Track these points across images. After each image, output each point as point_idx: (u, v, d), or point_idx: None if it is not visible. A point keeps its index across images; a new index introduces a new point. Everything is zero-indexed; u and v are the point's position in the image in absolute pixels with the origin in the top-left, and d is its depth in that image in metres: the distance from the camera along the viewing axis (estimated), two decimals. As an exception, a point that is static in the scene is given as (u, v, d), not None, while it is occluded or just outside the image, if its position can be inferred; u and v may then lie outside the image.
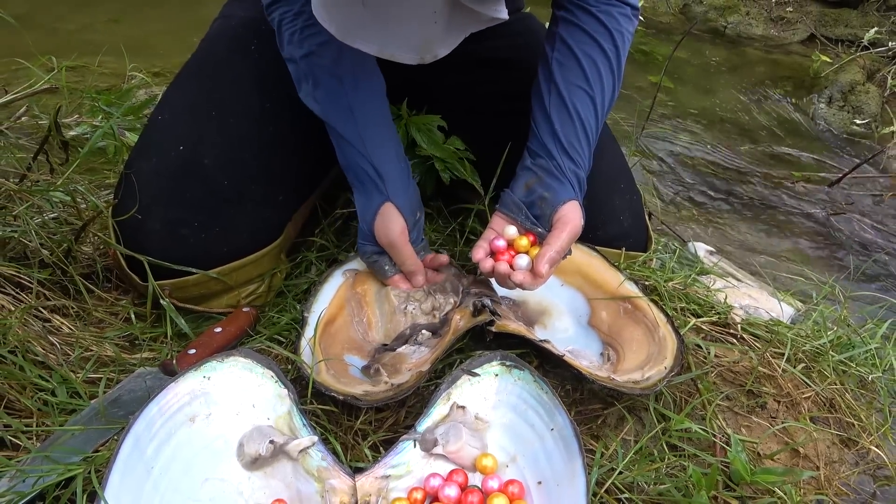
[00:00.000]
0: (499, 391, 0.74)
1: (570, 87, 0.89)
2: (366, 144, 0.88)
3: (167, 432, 0.67)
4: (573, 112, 0.89)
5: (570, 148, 0.89)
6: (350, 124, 0.88)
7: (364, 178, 0.89)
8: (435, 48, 0.69)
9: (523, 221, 0.87)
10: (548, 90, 0.90)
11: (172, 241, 0.90)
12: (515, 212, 0.88)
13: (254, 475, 0.70)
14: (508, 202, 0.89)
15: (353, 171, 0.90)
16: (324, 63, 0.87)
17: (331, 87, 0.88)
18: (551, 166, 0.88)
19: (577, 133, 0.89)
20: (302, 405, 0.74)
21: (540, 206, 0.86)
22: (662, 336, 0.87)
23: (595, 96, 0.90)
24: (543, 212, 0.86)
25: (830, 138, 2.08)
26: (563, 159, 0.88)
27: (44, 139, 0.94)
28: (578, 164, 0.89)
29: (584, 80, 0.89)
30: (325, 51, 0.87)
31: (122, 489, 0.60)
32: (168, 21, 2.19)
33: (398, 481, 0.69)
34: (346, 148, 0.89)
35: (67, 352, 0.81)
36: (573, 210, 0.86)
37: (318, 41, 0.86)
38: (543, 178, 0.87)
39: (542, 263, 0.81)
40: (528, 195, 0.87)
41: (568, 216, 0.85)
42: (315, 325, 0.84)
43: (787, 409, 0.91)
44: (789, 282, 1.35)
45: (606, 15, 0.90)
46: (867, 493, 0.91)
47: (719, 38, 2.69)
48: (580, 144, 0.89)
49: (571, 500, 0.62)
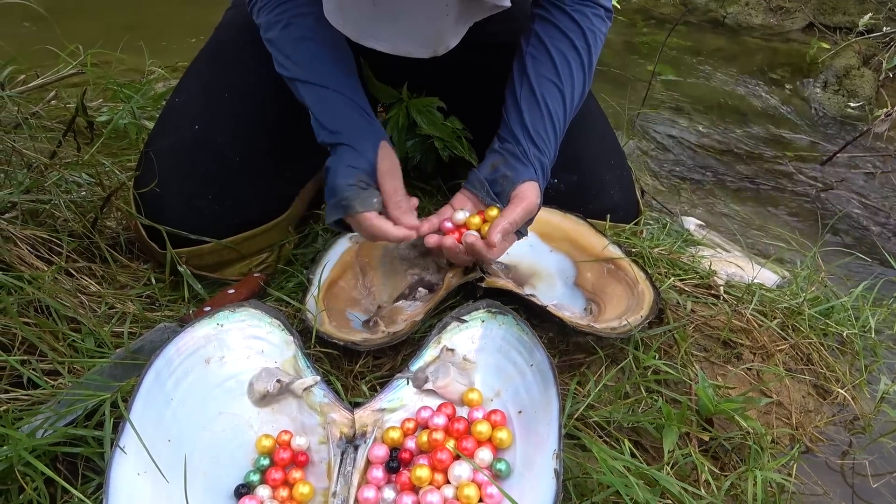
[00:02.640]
0: (484, 335, 0.81)
1: (542, 80, 0.94)
2: (354, 91, 0.91)
3: (184, 370, 0.75)
4: (542, 103, 0.93)
5: (536, 137, 0.93)
6: (334, 75, 0.90)
7: (354, 123, 0.90)
8: (446, 40, 0.74)
9: (484, 197, 0.91)
10: (520, 82, 0.95)
11: (189, 212, 0.98)
12: (478, 188, 0.91)
13: (262, 410, 0.77)
14: (473, 179, 0.93)
15: (341, 120, 0.90)
16: (303, 31, 0.91)
17: (311, 47, 0.91)
18: (517, 151, 0.92)
19: (544, 123, 0.93)
20: (306, 351, 0.81)
21: (501, 183, 0.90)
22: (641, 291, 0.93)
23: (564, 90, 0.94)
24: (504, 189, 0.90)
25: (825, 121, 2.13)
26: (529, 146, 0.92)
27: (72, 119, 1.03)
28: (543, 153, 0.93)
29: (555, 75, 0.94)
30: (302, 20, 0.91)
31: (145, 415, 0.68)
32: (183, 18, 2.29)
33: (392, 414, 0.76)
34: (333, 98, 0.90)
35: (94, 308, 0.89)
36: (531, 189, 0.89)
37: (295, 13, 0.91)
38: (509, 159, 0.92)
39: (495, 233, 0.84)
40: (493, 174, 0.92)
41: (525, 193, 0.88)
42: (319, 283, 0.92)
43: (762, 360, 0.97)
44: (776, 252, 1.40)
45: (580, 14, 0.96)
46: (843, 441, 0.97)
47: (719, 27, 2.75)
48: (546, 134, 0.94)
49: (546, 423, 0.69)
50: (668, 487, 0.70)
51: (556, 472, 0.63)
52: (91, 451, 0.68)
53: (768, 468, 0.78)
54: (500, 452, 0.72)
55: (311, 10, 0.91)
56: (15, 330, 0.78)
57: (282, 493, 0.70)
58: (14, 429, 0.65)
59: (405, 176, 1.21)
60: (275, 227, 1.05)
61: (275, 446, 0.73)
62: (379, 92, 1.08)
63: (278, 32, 0.92)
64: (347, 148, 0.88)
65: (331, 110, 0.90)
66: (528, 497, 0.63)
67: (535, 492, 0.64)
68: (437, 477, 0.69)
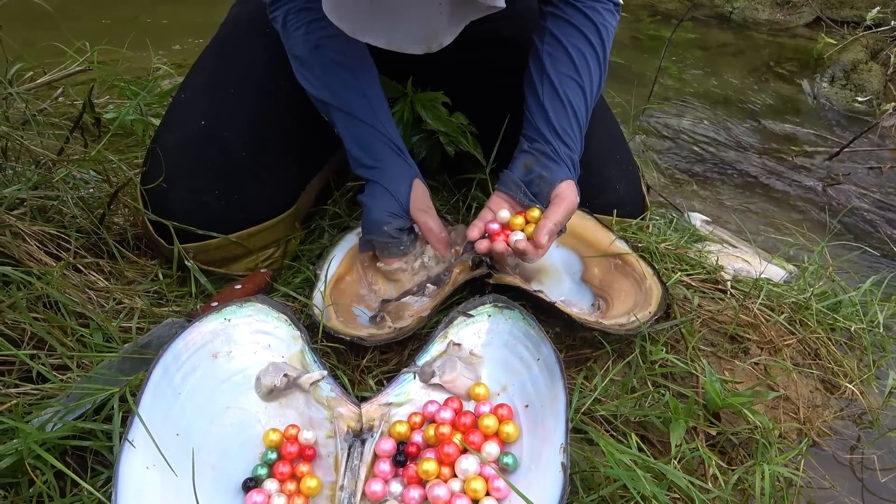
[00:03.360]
0: (490, 330, 0.81)
1: (562, 77, 0.95)
2: (384, 125, 0.94)
3: (192, 365, 0.75)
4: (565, 101, 0.95)
5: (563, 134, 0.94)
6: (366, 108, 0.94)
7: (386, 156, 0.94)
8: (440, 37, 0.75)
9: (521, 199, 0.92)
10: (540, 81, 0.96)
11: (195, 207, 0.98)
12: (514, 190, 0.93)
13: (270, 405, 0.77)
14: (507, 181, 0.94)
15: (372, 152, 0.94)
16: (333, 54, 0.93)
17: (343, 75, 0.93)
18: (548, 150, 0.94)
19: (569, 120, 0.95)
20: (313, 345, 0.82)
21: (538, 184, 0.92)
22: (649, 286, 0.93)
23: (584, 85, 0.96)
24: (541, 190, 0.92)
25: (832, 115, 2.12)
26: (559, 144, 0.94)
27: (79, 116, 1.03)
28: (572, 149, 0.95)
29: (574, 71, 0.95)
30: (333, 42, 0.92)
31: (154, 409, 0.68)
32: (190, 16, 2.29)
33: (399, 408, 0.76)
34: (363, 130, 0.94)
35: (102, 303, 0.89)
36: (570, 188, 0.91)
37: (326, 34, 0.92)
38: (541, 159, 0.93)
39: (542, 234, 0.86)
40: (527, 174, 0.93)
41: (565, 193, 0.90)
42: (326, 279, 0.92)
43: (769, 354, 0.97)
44: (783, 248, 1.40)
45: (592, 10, 0.97)
46: (851, 436, 0.96)
47: (726, 23, 2.74)
48: (573, 130, 0.95)
49: (553, 417, 0.69)
50: (676, 481, 0.70)
51: (563, 465, 0.63)
52: (100, 444, 0.68)
53: (776, 462, 0.78)
54: (506, 446, 0.72)
55: (340, 30, 0.93)
56: (24, 325, 0.78)
57: (289, 486, 0.70)
58: (24, 422, 0.65)
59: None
60: (281, 223, 1.05)
61: (282, 440, 0.73)
62: (384, 87, 1.08)
63: (309, 53, 0.93)
64: (382, 189, 0.92)
65: (364, 145, 0.94)
66: (535, 490, 0.63)
67: (542, 485, 0.64)
68: (444, 470, 0.69)
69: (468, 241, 0.90)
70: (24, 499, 0.63)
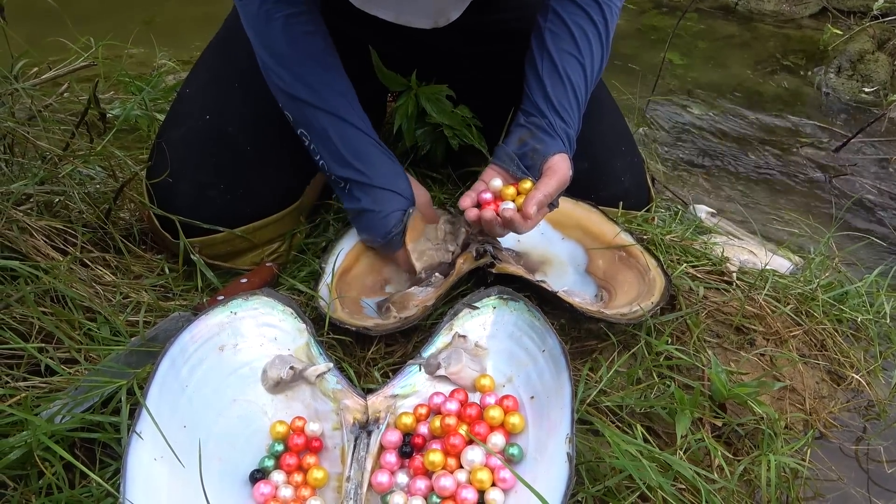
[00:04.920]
0: (496, 321, 0.81)
1: (562, 53, 0.95)
2: (366, 124, 0.94)
3: (199, 357, 0.75)
4: (564, 76, 0.95)
5: (560, 109, 0.94)
6: (349, 108, 0.93)
7: (385, 166, 0.94)
8: (447, 12, 0.75)
9: (514, 171, 0.93)
10: (540, 57, 0.97)
11: (201, 201, 0.99)
12: (508, 163, 0.93)
13: (276, 398, 0.78)
14: (501, 154, 0.95)
15: (368, 159, 0.94)
16: (313, 51, 0.92)
17: (323, 75, 0.92)
18: (543, 123, 0.94)
19: (567, 96, 0.95)
20: (319, 338, 0.82)
21: (531, 157, 0.92)
22: (652, 278, 0.93)
23: (585, 63, 0.96)
24: (534, 162, 0.92)
25: (838, 107, 2.11)
26: (555, 118, 0.94)
27: (84, 110, 1.04)
28: (569, 124, 0.95)
29: (575, 48, 0.95)
30: (311, 40, 0.92)
31: (161, 402, 0.68)
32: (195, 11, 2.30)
33: (405, 400, 0.77)
34: (350, 131, 0.93)
35: (109, 298, 0.89)
36: (562, 161, 0.92)
37: (305, 30, 0.91)
38: (536, 132, 0.94)
39: (531, 205, 0.86)
40: (521, 147, 0.93)
41: (557, 165, 0.91)
42: (332, 272, 0.92)
43: (775, 346, 0.96)
44: (789, 239, 1.39)
45: None
46: (857, 427, 0.96)
47: (731, 14, 2.72)
48: (570, 106, 0.95)
49: (559, 408, 0.69)
50: (682, 472, 0.70)
51: (569, 456, 0.63)
52: (108, 436, 0.69)
53: (782, 453, 0.78)
54: (512, 437, 0.72)
55: (317, 28, 0.93)
56: (32, 319, 0.79)
57: (296, 478, 0.70)
58: (33, 415, 0.66)
59: (414, 165, 1.23)
60: (286, 217, 1.05)
61: (289, 432, 0.74)
62: (388, 80, 1.08)
63: (287, 48, 0.92)
64: (389, 193, 0.93)
65: (353, 147, 0.93)
66: (541, 481, 0.63)
67: (548, 476, 0.64)
68: (450, 462, 0.69)
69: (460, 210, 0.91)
70: (34, 490, 0.64)
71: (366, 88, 1.02)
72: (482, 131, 1.14)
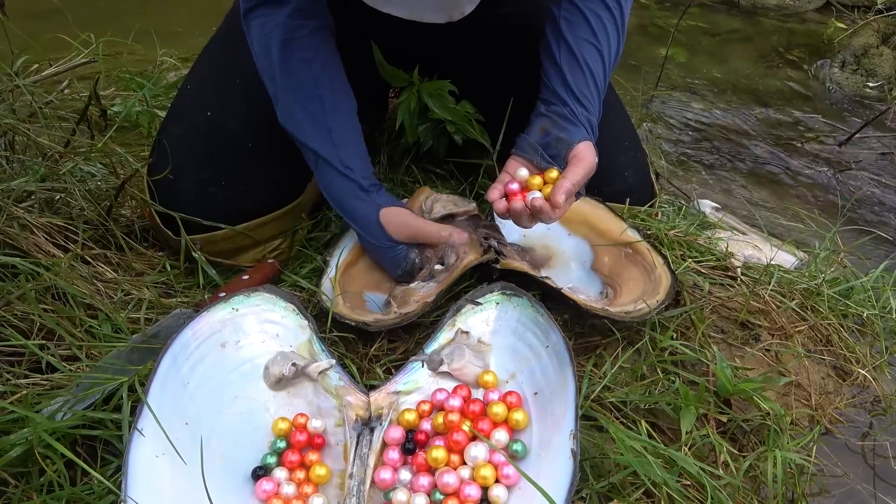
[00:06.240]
0: (499, 317, 0.81)
1: (579, 41, 0.94)
2: (344, 163, 0.92)
3: (200, 354, 0.75)
4: (583, 63, 0.93)
5: (581, 96, 0.93)
6: (329, 145, 0.92)
7: (349, 201, 0.93)
8: (461, 6, 0.73)
9: (539, 162, 0.90)
10: (557, 45, 0.95)
11: (202, 198, 0.98)
12: (531, 153, 0.91)
13: (278, 394, 0.77)
14: (524, 145, 0.92)
15: (337, 198, 0.94)
16: (305, 81, 0.91)
17: (310, 107, 0.91)
18: (565, 111, 0.92)
19: (587, 82, 0.93)
20: (321, 335, 0.81)
21: (556, 146, 0.90)
22: (658, 276, 0.92)
23: (602, 49, 0.94)
24: (559, 151, 0.90)
25: (842, 101, 2.09)
26: (577, 106, 0.92)
27: (85, 107, 1.03)
28: (590, 111, 0.94)
29: (592, 35, 0.94)
30: (306, 68, 0.91)
31: (163, 398, 0.68)
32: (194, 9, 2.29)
33: (408, 396, 0.76)
34: (325, 170, 0.93)
35: (111, 295, 0.89)
36: (588, 148, 0.89)
37: (300, 57, 0.91)
38: (559, 121, 0.92)
39: (560, 194, 0.84)
40: (544, 137, 0.91)
41: (583, 153, 0.88)
42: (336, 266, 0.92)
43: (780, 341, 0.96)
44: (793, 235, 1.38)
45: None
46: (863, 423, 0.96)
47: (734, 8, 2.71)
48: (590, 93, 0.94)
49: (562, 404, 0.68)
50: (686, 468, 0.70)
51: (573, 452, 0.63)
52: (109, 433, 0.68)
53: (787, 449, 0.77)
54: (516, 434, 0.72)
55: (316, 54, 0.91)
56: (33, 316, 0.79)
57: (299, 475, 0.70)
58: (34, 412, 0.65)
59: (416, 161, 1.22)
60: (288, 213, 1.05)
61: (291, 429, 0.73)
62: (390, 75, 1.08)
63: (279, 77, 0.91)
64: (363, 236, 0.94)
65: (330, 190, 0.94)
66: (545, 477, 0.63)
67: (552, 472, 0.64)
68: (454, 458, 0.69)
69: (489, 202, 0.89)
70: (35, 488, 0.64)
71: (368, 85, 1.01)
72: (485, 126, 1.13)
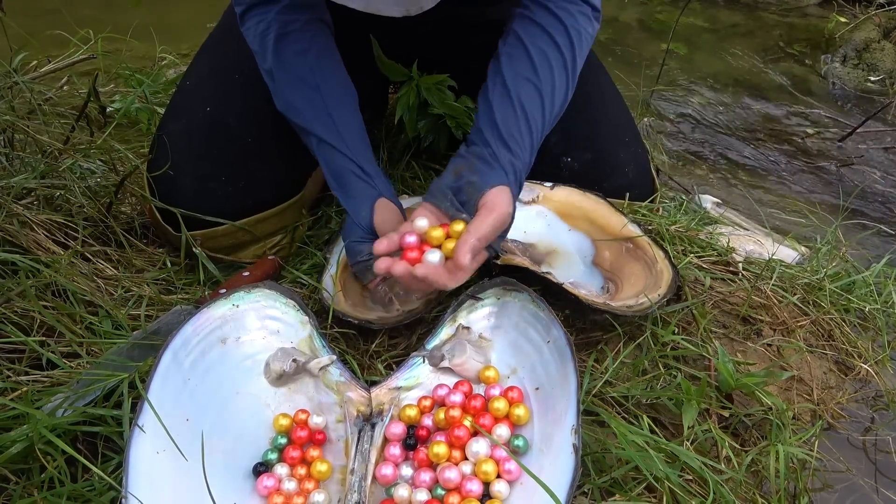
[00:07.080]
0: (500, 312, 0.81)
1: (517, 78, 0.85)
2: (348, 146, 0.88)
3: (201, 350, 0.75)
4: (517, 103, 0.83)
5: (509, 138, 0.82)
6: (331, 129, 0.89)
7: (351, 180, 0.88)
8: (420, 1, 0.71)
9: (448, 209, 0.79)
10: (493, 82, 0.86)
11: (202, 194, 0.98)
12: (440, 199, 0.80)
13: (279, 390, 0.77)
14: (434, 190, 0.82)
15: (338, 175, 0.89)
16: (302, 72, 0.90)
17: (309, 94, 0.89)
18: (485, 153, 0.82)
19: (518, 124, 0.83)
20: (322, 331, 0.81)
21: (467, 191, 0.79)
22: (659, 270, 0.92)
23: (543, 89, 0.85)
24: (470, 197, 0.79)
25: (844, 96, 2.09)
26: (500, 148, 0.82)
27: (84, 104, 1.03)
28: (517, 156, 0.83)
29: (533, 73, 0.85)
30: (301, 60, 0.90)
31: (163, 395, 0.68)
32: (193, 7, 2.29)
33: (409, 392, 0.76)
34: (329, 152, 0.89)
35: (111, 291, 0.89)
36: (501, 195, 0.78)
37: (295, 49, 0.90)
38: (475, 163, 0.81)
39: (464, 254, 0.72)
40: (457, 181, 0.81)
41: (494, 201, 0.77)
42: (337, 263, 0.92)
43: (782, 336, 0.96)
44: (795, 229, 1.38)
45: (564, 12, 0.87)
46: (865, 417, 0.95)
47: (735, 3, 2.70)
48: (521, 136, 0.83)
49: (564, 399, 0.68)
50: (689, 462, 0.70)
51: (575, 447, 0.63)
52: (110, 430, 0.68)
53: (790, 443, 0.77)
54: (517, 429, 0.72)
55: (311, 44, 0.91)
56: (33, 313, 0.79)
57: (300, 471, 0.70)
58: (34, 408, 0.65)
59: (416, 157, 1.22)
60: (288, 209, 1.05)
61: (292, 425, 0.73)
62: (389, 70, 1.07)
63: (275, 67, 0.91)
64: (349, 216, 0.89)
65: (329, 166, 0.91)
66: (547, 472, 0.63)
67: (554, 467, 0.64)
68: (455, 454, 0.69)
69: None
70: (36, 484, 0.63)
71: (367, 80, 1.01)
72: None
